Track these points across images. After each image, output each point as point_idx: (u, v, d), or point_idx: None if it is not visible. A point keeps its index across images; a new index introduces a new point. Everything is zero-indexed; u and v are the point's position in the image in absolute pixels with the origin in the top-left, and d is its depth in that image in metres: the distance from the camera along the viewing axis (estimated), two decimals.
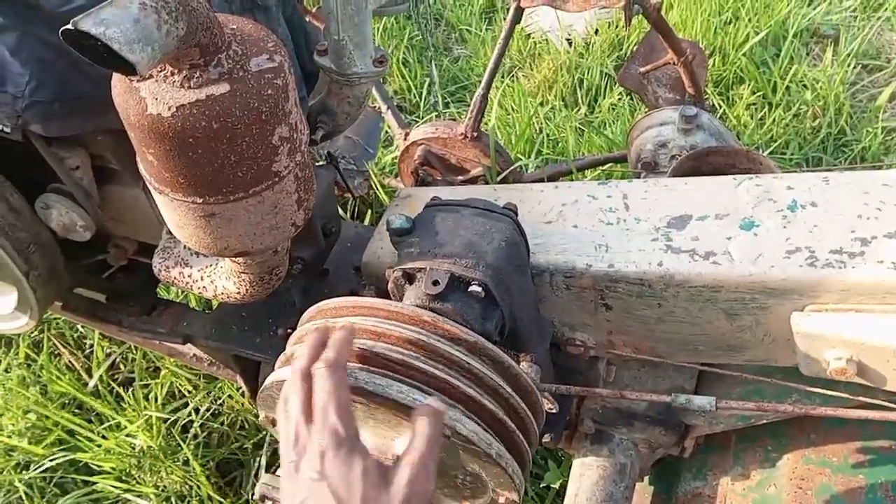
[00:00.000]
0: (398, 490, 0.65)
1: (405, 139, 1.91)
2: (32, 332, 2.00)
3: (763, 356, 1.02)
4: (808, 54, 2.69)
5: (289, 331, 1.43)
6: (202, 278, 1.15)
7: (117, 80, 0.81)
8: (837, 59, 2.56)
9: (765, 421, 1.10)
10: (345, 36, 1.16)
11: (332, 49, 1.18)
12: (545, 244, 1.06)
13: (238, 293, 1.12)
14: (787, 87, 2.51)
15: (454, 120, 1.99)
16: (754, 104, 2.51)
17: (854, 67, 2.58)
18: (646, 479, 1.31)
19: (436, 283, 0.89)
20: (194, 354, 1.62)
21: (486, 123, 2.50)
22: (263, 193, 0.88)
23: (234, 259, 1.03)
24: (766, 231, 0.95)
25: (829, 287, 0.88)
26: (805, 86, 2.51)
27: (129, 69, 0.69)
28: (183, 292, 1.95)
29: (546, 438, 1.13)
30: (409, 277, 0.93)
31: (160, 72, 0.79)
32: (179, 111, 0.77)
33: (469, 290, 0.89)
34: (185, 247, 1.16)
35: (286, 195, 0.91)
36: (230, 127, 0.79)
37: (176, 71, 0.78)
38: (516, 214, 0.97)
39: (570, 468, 1.34)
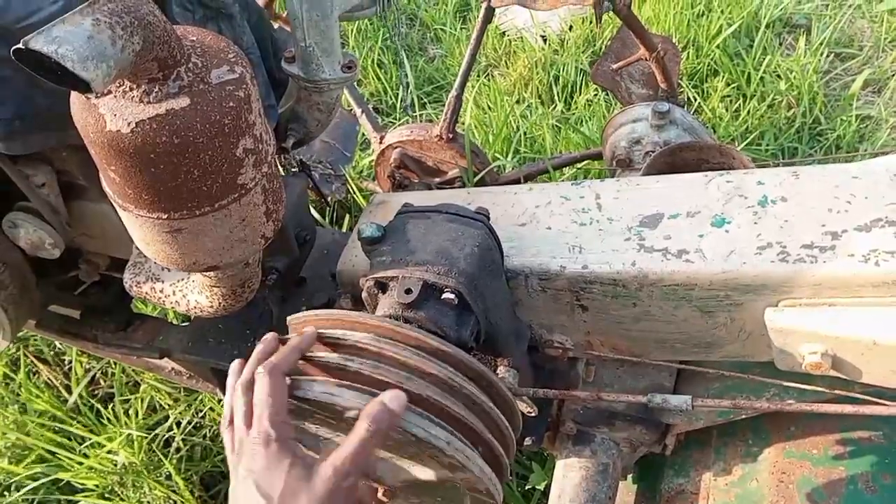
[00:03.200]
0: (320, 484, 0.68)
1: (381, 143, 1.90)
2: (9, 351, 1.97)
3: (739, 352, 1.02)
4: (780, 44, 2.71)
5: None
6: (174, 293, 1.13)
7: (75, 97, 0.80)
8: (810, 49, 2.58)
9: (744, 416, 1.10)
10: (311, 42, 1.15)
11: (300, 56, 1.17)
12: (519, 247, 1.05)
13: (211, 307, 1.10)
14: (762, 78, 2.52)
15: (430, 122, 1.98)
16: (729, 96, 2.52)
17: (827, 56, 2.60)
18: (629, 477, 1.31)
19: (408, 291, 0.88)
20: (173, 368, 1.60)
21: (462, 123, 2.49)
22: (230, 207, 0.87)
23: (205, 273, 1.02)
24: (738, 227, 0.95)
25: (801, 282, 0.88)
26: (779, 76, 2.52)
27: (84, 87, 0.68)
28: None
29: (527, 442, 1.13)
30: (382, 286, 0.92)
31: (118, 87, 0.77)
32: (139, 127, 0.76)
33: (442, 297, 0.88)
34: (155, 262, 1.15)
35: (254, 207, 0.90)
36: (192, 141, 0.78)
37: (134, 86, 0.77)
38: (488, 218, 0.97)
39: (554, 469, 1.34)
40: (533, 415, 1.03)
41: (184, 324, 1.46)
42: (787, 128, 2.38)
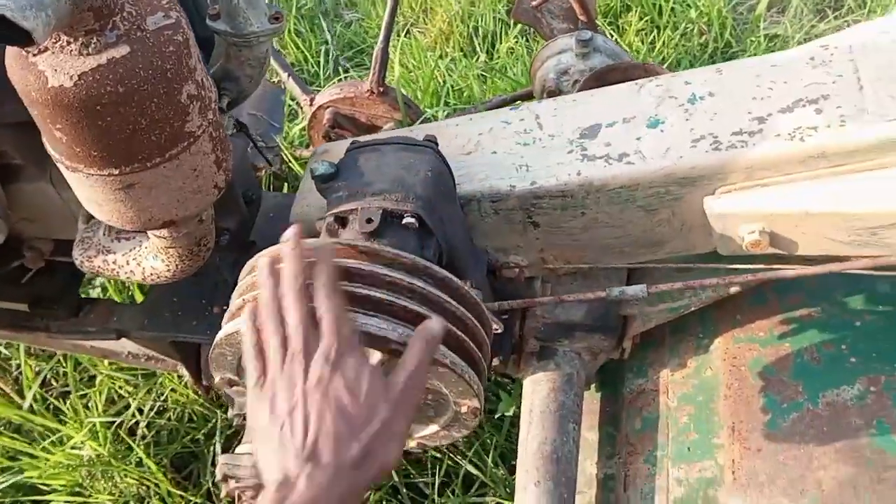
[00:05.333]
0: (396, 387, 0.70)
1: (311, 105, 1.89)
2: None
3: (682, 247, 1.09)
4: None
5: (224, 308, 1.42)
6: (128, 262, 1.12)
7: (12, 58, 0.78)
8: None
9: (692, 308, 1.17)
10: None
11: (225, 11, 1.16)
12: (468, 174, 1.08)
13: (168, 270, 1.10)
14: (672, 9, 2.60)
15: (359, 79, 1.98)
16: (643, 29, 2.59)
17: None
18: (592, 387, 1.37)
19: (369, 220, 0.90)
20: (129, 352, 1.58)
21: (389, 82, 2.49)
22: (181, 156, 0.87)
23: (159, 234, 1.01)
24: (671, 126, 1.00)
25: (734, 167, 0.94)
26: (689, 5, 2.61)
27: (25, 39, 0.67)
28: (107, 289, 1.89)
29: (495, 361, 1.18)
30: (342, 221, 0.94)
31: (55, 42, 0.76)
32: (82, 79, 0.75)
33: (403, 222, 0.91)
34: (104, 234, 1.13)
35: (203, 156, 0.90)
36: (137, 88, 0.78)
37: (72, 39, 0.76)
38: (437, 145, 0.99)
39: (521, 395, 1.39)
40: (499, 331, 1.07)
41: (135, 304, 1.45)
42: (700, 54, 2.48)
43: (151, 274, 1.11)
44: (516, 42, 2.66)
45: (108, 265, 1.13)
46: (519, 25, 2.71)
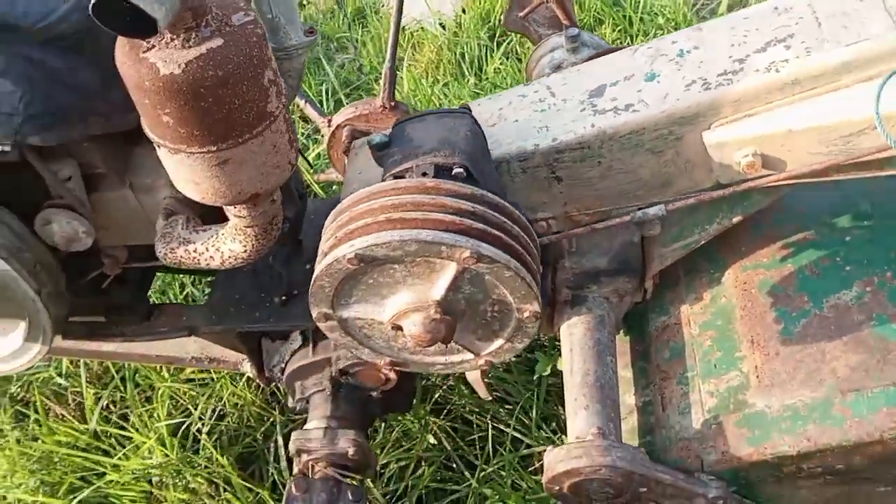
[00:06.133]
0: None
1: (329, 126, 2.07)
2: (17, 394, 2.02)
3: (687, 184, 1.25)
4: None
5: (283, 297, 1.57)
6: (207, 249, 1.27)
7: (124, 56, 0.95)
8: None
9: (702, 242, 1.33)
10: (277, 13, 1.33)
11: (268, 27, 1.34)
12: (496, 141, 1.25)
13: (245, 251, 1.24)
14: (641, 19, 2.83)
15: (372, 97, 2.16)
16: (617, 39, 2.82)
17: None
18: (621, 332, 1.51)
19: (424, 174, 1.06)
20: (192, 357, 1.71)
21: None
22: (264, 133, 1.03)
23: (240, 214, 1.17)
24: (666, 77, 1.18)
25: (724, 102, 1.12)
26: (655, 13, 2.84)
27: (149, 29, 0.84)
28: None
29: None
30: (400, 179, 1.10)
31: (161, 40, 0.93)
32: (189, 66, 0.92)
33: (453, 173, 1.07)
34: (182, 227, 1.28)
35: (280, 134, 1.07)
36: (232, 72, 0.94)
37: (175, 36, 0.93)
38: (471, 111, 1.16)
39: (555, 355, 1.53)
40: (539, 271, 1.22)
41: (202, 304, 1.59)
42: None
43: (230, 257, 1.25)
44: (501, 63, 2.87)
45: (190, 254, 1.27)
46: (503, 47, 2.94)
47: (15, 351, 1.42)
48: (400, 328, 1.03)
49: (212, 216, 1.28)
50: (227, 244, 1.25)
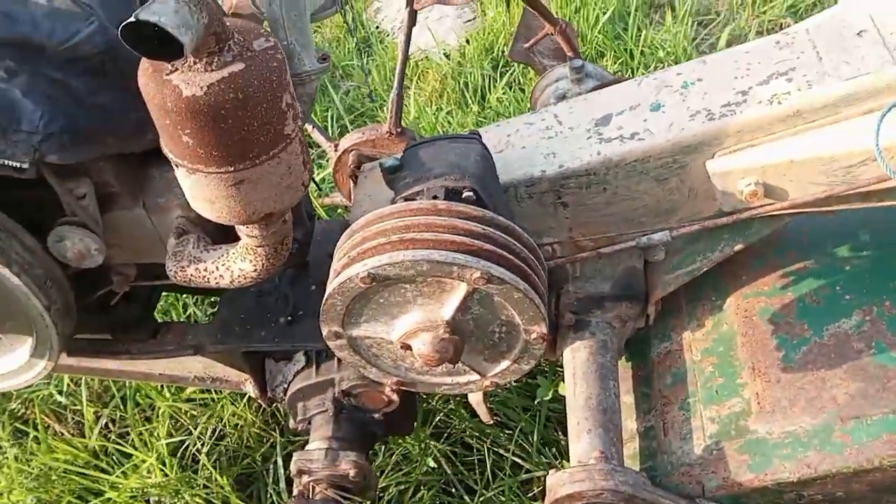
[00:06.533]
0: None
1: (336, 150, 2.10)
2: (16, 411, 2.02)
3: (690, 212, 1.27)
4: (651, 22, 3.10)
5: (289, 318, 1.58)
6: (217, 268, 1.28)
7: (148, 78, 0.98)
8: (677, 20, 2.97)
9: (704, 269, 1.35)
10: (292, 40, 1.35)
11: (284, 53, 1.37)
12: (504, 166, 1.27)
13: (255, 271, 1.26)
14: (642, 52, 2.89)
15: (378, 122, 2.20)
16: (619, 71, 2.87)
17: (692, 25, 3.00)
18: (623, 358, 1.53)
19: (435, 197, 1.09)
20: (195, 376, 1.72)
21: None
22: (280, 155, 1.05)
23: (251, 233, 1.19)
24: (671, 107, 1.21)
25: (727, 132, 1.15)
26: (656, 47, 2.90)
27: (175, 52, 0.87)
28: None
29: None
30: (412, 202, 1.13)
31: (184, 63, 0.96)
32: (210, 89, 0.95)
33: (462, 196, 1.10)
34: (193, 246, 1.30)
35: (295, 156, 1.09)
36: (251, 95, 0.97)
37: (198, 60, 0.96)
38: (480, 137, 1.19)
39: (557, 380, 1.54)
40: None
41: (206, 321, 1.60)
42: None
43: (239, 276, 1.27)
44: (504, 93, 2.92)
45: (200, 273, 1.29)
46: (506, 77, 2.99)
47: (21, 366, 1.43)
48: (409, 347, 1.04)
49: (222, 236, 1.30)
50: (238, 263, 1.26)
